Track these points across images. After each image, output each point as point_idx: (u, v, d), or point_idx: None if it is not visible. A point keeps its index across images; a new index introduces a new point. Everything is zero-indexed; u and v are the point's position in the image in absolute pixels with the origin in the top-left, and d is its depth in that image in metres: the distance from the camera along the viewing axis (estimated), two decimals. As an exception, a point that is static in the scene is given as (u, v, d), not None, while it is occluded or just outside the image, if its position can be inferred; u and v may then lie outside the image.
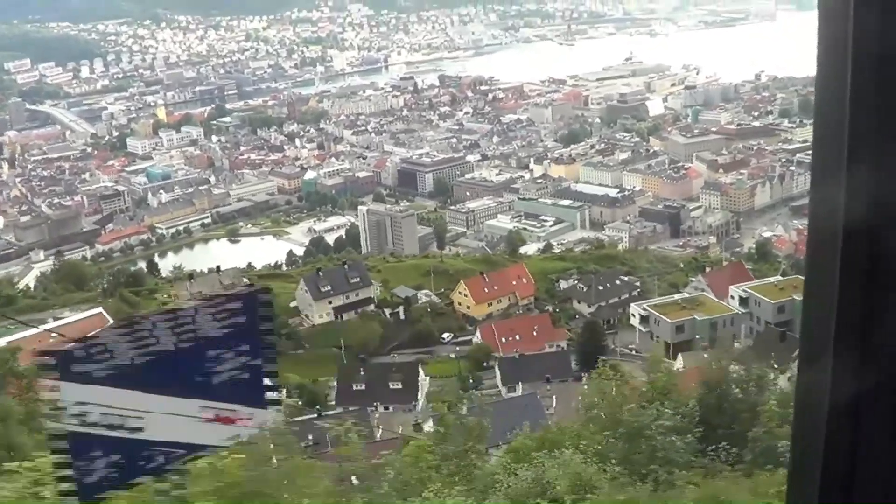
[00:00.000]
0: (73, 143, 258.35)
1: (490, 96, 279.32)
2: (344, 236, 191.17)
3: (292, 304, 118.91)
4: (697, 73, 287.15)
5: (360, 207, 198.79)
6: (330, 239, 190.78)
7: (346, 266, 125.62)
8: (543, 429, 17.80)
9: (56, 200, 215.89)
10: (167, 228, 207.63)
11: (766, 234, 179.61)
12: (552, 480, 12.98)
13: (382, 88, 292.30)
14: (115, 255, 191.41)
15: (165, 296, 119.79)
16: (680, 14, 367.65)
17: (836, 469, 2.86)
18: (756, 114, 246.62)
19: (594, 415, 17.05)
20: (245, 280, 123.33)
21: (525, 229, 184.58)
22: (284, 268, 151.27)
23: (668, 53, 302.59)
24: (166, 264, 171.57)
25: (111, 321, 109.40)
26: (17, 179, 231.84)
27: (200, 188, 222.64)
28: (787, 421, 13.87)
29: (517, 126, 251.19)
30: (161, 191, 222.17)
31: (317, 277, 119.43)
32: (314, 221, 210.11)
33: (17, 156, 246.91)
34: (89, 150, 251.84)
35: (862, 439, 2.80)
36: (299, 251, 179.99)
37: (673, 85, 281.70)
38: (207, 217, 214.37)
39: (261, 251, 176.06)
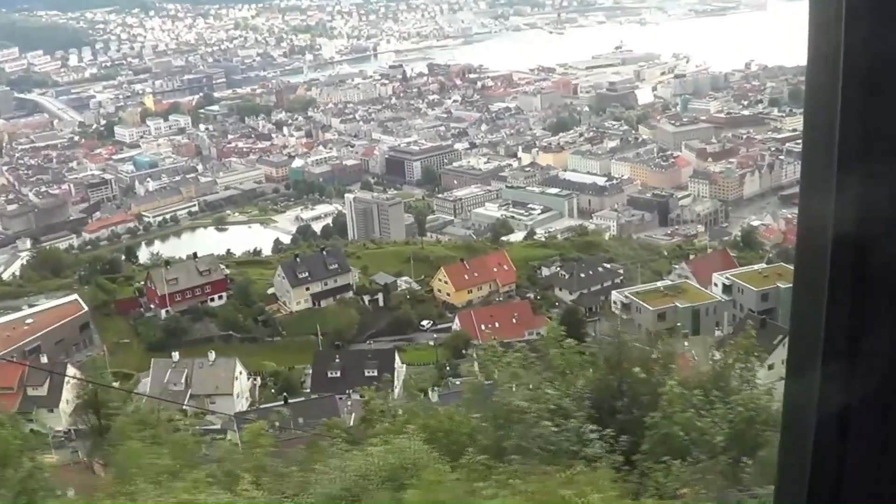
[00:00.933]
0: (60, 131, 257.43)
1: (479, 84, 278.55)
2: (331, 224, 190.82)
3: (270, 291, 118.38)
4: (687, 62, 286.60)
5: (346, 196, 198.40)
6: (317, 227, 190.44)
7: (324, 252, 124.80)
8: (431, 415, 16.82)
9: (43, 189, 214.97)
10: (154, 217, 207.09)
11: (755, 223, 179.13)
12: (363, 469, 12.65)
13: (371, 77, 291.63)
14: (101, 244, 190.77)
15: (140, 283, 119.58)
16: (670, 3, 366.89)
17: (824, 478, 2.85)
18: (746, 103, 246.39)
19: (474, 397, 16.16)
20: (222, 267, 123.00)
21: (512, 217, 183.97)
22: (270, 255, 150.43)
23: (658, 42, 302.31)
24: (151, 252, 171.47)
25: (85, 308, 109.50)
26: (5, 168, 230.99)
27: (188, 176, 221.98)
28: (694, 405, 13.26)
29: (506, 114, 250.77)
30: (148, 179, 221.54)
31: (294, 264, 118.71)
32: (301, 210, 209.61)
33: (4, 144, 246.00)
34: (77, 138, 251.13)
35: (850, 449, 2.79)
36: (286, 239, 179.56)
37: (663, 74, 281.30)
38: (194, 205, 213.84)
39: (247, 239, 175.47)
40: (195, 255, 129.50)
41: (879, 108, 2.62)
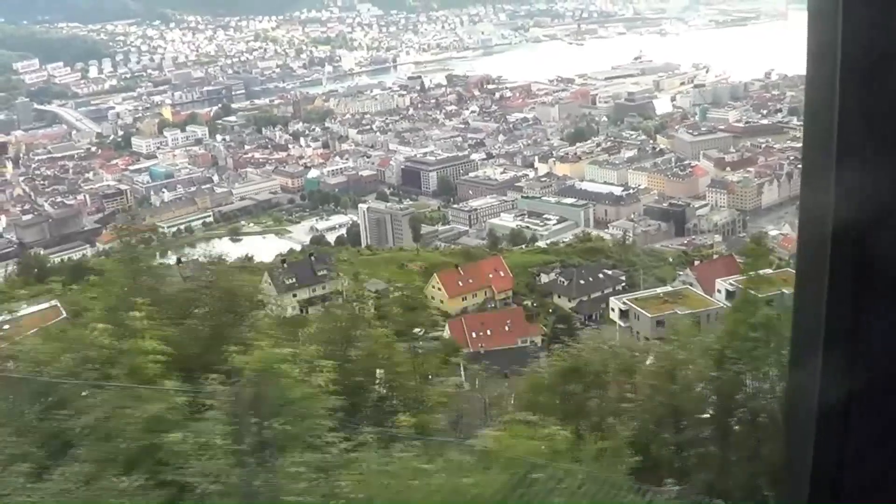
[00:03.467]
0: (77, 142, 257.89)
1: (497, 95, 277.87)
2: (345, 234, 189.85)
3: (258, 298, 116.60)
4: (707, 72, 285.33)
5: (360, 206, 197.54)
6: (331, 237, 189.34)
7: (312, 258, 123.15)
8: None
9: (59, 199, 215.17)
10: (168, 227, 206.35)
11: (773, 233, 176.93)
12: None
13: (389, 88, 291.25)
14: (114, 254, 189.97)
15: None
16: (690, 13, 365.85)
17: (825, 471, 2.86)
18: (765, 112, 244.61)
19: None
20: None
21: (528, 228, 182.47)
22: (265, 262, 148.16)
23: (678, 53, 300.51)
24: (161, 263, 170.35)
25: (64, 314, 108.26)
26: (21, 178, 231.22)
27: (203, 187, 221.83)
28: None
29: (523, 125, 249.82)
30: (164, 189, 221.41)
31: (281, 269, 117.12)
32: (316, 220, 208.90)
33: (21, 155, 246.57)
34: (94, 149, 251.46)
35: (851, 442, 2.80)
36: (299, 249, 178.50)
37: (682, 84, 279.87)
38: (209, 216, 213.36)
39: (262, 249, 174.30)
40: (179, 259, 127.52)
41: (878, 101, 2.61)
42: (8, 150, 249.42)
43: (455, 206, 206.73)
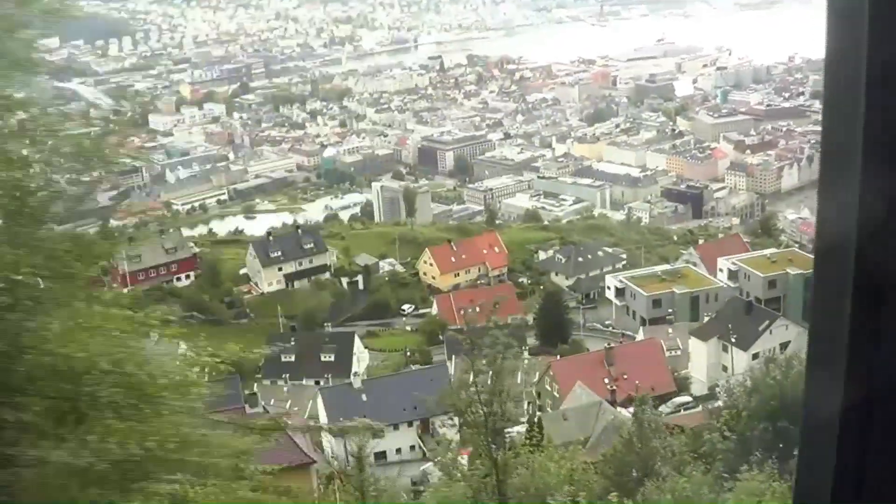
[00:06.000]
0: (95, 120, 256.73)
1: (517, 75, 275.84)
2: (359, 214, 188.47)
3: (243, 272, 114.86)
4: (730, 55, 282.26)
5: (373, 184, 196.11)
6: (345, 216, 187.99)
7: (299, 231, 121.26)
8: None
9: (75, 176, 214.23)
10: (182, 205, 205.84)
11: (792, 217, 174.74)
12: None
13: (409, 68, 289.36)
14: (128, 232, 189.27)
15: (104, 263, 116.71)
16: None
17: (847, 476, 2.80)
18: (787, 95, 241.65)
19: None
20: (190, 245, 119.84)
21: (543, 208, 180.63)
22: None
23: (702, 35, 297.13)
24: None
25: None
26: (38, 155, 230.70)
27: (218, 165, 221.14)
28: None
29: (542, 105, 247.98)
30: (179, 167, 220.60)
31: (267, 242, 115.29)
32: (331, 199, 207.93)
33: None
34: (111, 126, 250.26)
35: (873, 445, 2.75)
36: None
37: (704, 66, 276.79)
38: (224, 194, 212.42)
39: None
40: (161, 231, 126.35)
41: None
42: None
43: (471, 185, 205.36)
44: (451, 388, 24.06)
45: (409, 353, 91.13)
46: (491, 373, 22.65)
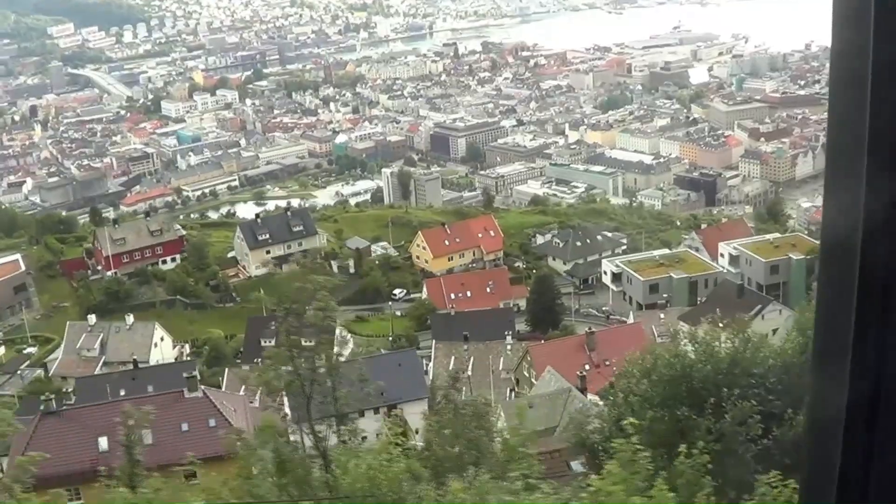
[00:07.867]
0: (107, 105, 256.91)
1: (531, 63, 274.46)
2: (370, 200, 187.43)
3: (231, 255, 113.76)
4: (746, 43, 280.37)
5: (384, 170, 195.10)
6: (355, 202, 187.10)
7: (288, 213, 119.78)
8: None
9: (85, 162, 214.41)
10: (193, 191, 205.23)
11: (806, 205, 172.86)
12: None
13: (423, 55, 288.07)
14: (138, 217, 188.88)
15: (88, 245, 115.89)
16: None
17: (852, 472, 2.80)
18: (802, 83, 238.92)
19: None
20: (177, 227, 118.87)
21: (554, 195, 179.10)
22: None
23: (718, 23, 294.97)
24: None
25: (23, 268, 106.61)
26: (49, 141, 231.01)
27: (230, 151, 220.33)
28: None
29: (556, 92, 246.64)
30: (190, 153, 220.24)
31: (255, 224, 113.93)
32: (342, 185, 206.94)
33: (50, 118, 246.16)
34: (123, 112, 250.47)
35: (878, 442, 2.74)
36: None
37: (720, 54, 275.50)
38: (234, 180, 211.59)
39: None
40: (147, 213, 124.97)
41: None
42: (37, 114, 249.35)
43: (482, 172, 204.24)
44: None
45: (392, 339, 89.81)
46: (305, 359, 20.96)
